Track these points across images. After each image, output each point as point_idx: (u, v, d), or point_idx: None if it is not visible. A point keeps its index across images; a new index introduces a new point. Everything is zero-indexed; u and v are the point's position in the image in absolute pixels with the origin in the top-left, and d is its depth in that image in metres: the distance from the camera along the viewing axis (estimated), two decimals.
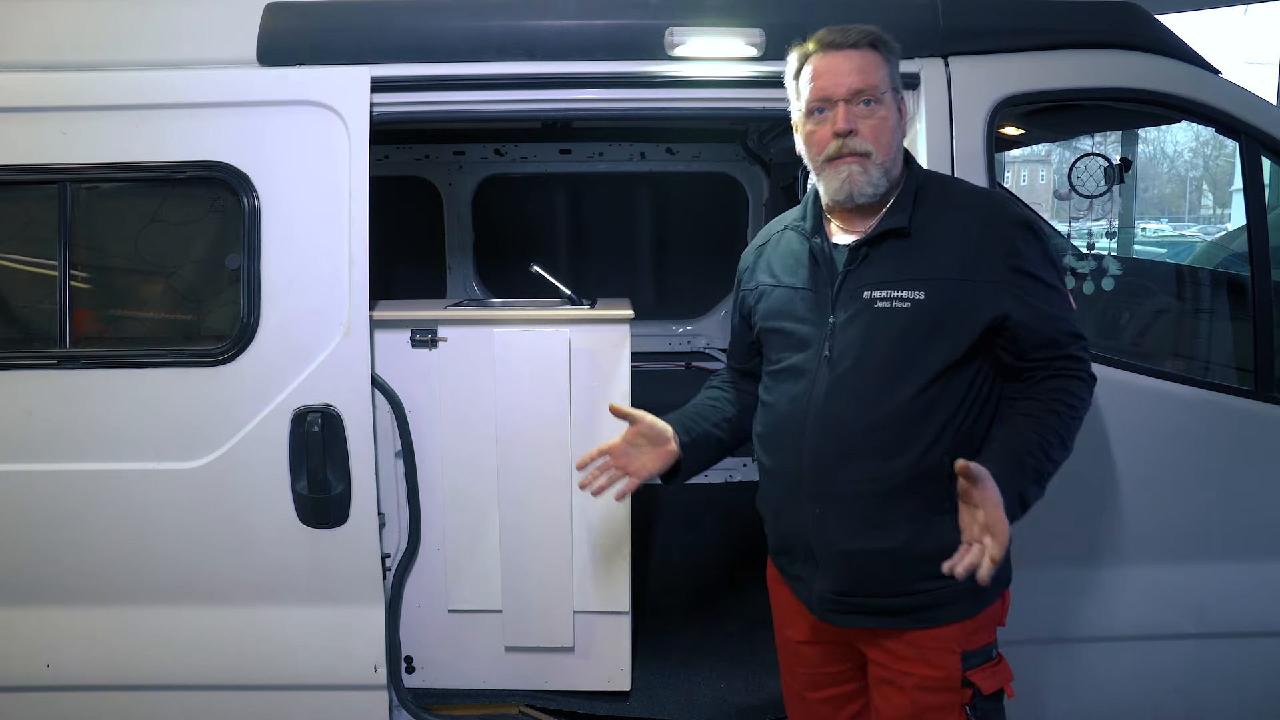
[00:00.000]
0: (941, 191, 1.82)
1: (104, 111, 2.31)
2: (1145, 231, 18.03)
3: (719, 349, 4.68)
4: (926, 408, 1.72)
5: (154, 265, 2.45)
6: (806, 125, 1.81)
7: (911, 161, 1.86)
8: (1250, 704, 2.52)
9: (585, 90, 2.41)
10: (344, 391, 2.33)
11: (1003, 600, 1.86)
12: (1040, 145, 7.48)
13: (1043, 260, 1.76)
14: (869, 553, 1.77)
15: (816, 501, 1.80)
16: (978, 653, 1.80)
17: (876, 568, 1.78)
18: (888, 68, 1.78)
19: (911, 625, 1.79)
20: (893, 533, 1.75)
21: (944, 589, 1.72)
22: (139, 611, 2.42)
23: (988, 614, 1.82)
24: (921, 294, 1.72)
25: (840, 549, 1.80)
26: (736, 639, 3.18)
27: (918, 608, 1.78)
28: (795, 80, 1.83)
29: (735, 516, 4.27)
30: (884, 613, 1.80)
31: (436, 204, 4.59)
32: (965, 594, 1.73)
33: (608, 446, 1.95)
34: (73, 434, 2.34)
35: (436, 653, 2.72)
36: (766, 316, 1.91)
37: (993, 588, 1.75)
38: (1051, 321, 1.74)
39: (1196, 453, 2.40)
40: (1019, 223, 1.76)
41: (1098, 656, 2.47)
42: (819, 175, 1.81)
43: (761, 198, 4.63)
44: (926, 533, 1.73)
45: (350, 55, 2.34)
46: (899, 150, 1.80)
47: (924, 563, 1.72)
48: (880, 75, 1.76)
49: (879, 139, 1.74)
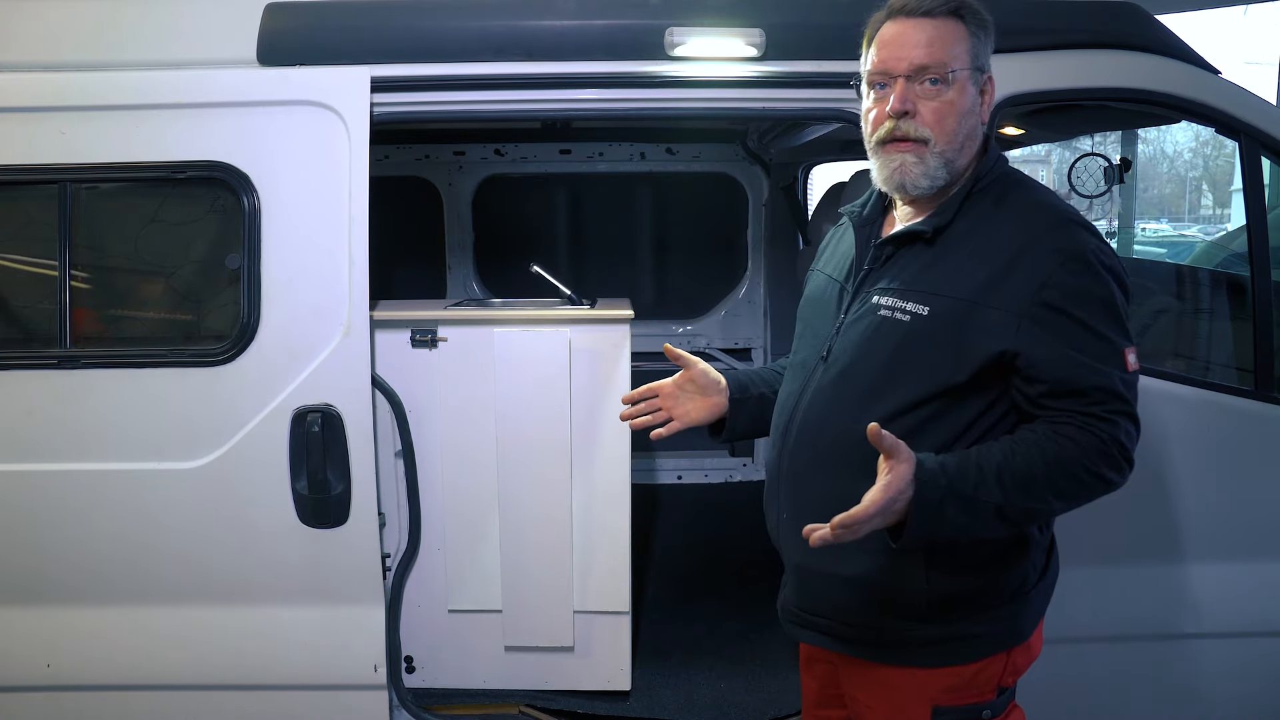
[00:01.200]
0: (1000, 195, 1.60)
1: (104, 111, 2.31)
2: (1145, 231, 18.01)
3: (719, 349, 4.69)
4: (907, 434, 1.46)
5: (154, 265, 2.45)
6: (866, 100, 1.62)
7: (990, 152, 1.64)
8: (1250, 704, 2.52)
9: (585, 90, 2.41)
10: (344, 391, 2.32)
11: (1007, 658, 1.63)
12: (1040, 145, 7.47)
13: (1087, 300, 1.49)
14: (823, 575, 1.65)
15: (786, 507, 1.71)
16: (957, 710, 1.61)
17: (831, 592, 1.66)
18: (969, 41, 1.56)
19: (873, 658, 1.65)
20: (849, 560, 1.59)
21: (908, 631, 1.60)
22: (140, 611, 2.42)
23: (978, 671, 1.62)
24: (926, 309, 1.54)
25: (796, 562, 1.71)
26: (736, 639, 3.18)
27: (875, 642, 1.64)
28: (866, 48, 1.63)
29: (735, 516, 4.27)
30: (841, 638, 1.68)
31: (436, 204, 4.60)
32: (936, 641, 1.59)
33: (656, 385, 1.87)
34: (73, 434, 2.34)
35: (436, 652, 2.72)
36: (803, 301, 1.83)
37: (985, 642, 1.61)
38: (1077, 368, 1.47)
39: (1196, 453, 2.39)
40: (1071, 250, 1.50)
41: (1098, 657, 2.47)
42: (871, 158, 1.63)
43: (761, 198, 4.63)
44: (888, 569, 1.58)
45: (350, 55, 2.34)
46: (969, 139, 1.58)
47: (883, 599, 1.60)
48: (955, 51, 1.54)
49: (941, 124, 1.54)
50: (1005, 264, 1.51)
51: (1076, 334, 1.48)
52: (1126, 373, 1.51)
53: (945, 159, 1.56)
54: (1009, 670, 1.65)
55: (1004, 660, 1.64)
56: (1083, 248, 1.51)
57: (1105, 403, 1.48)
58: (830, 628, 1.70)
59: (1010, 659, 1.65)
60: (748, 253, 4.71)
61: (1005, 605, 1.63)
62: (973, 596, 1.61)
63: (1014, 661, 1.66)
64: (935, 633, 1.59)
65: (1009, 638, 1.64)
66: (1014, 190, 1.62)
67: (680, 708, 2.76)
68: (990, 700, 1.64)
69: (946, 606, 1.60)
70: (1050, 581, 1.73)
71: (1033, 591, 1.66)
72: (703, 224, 4.70)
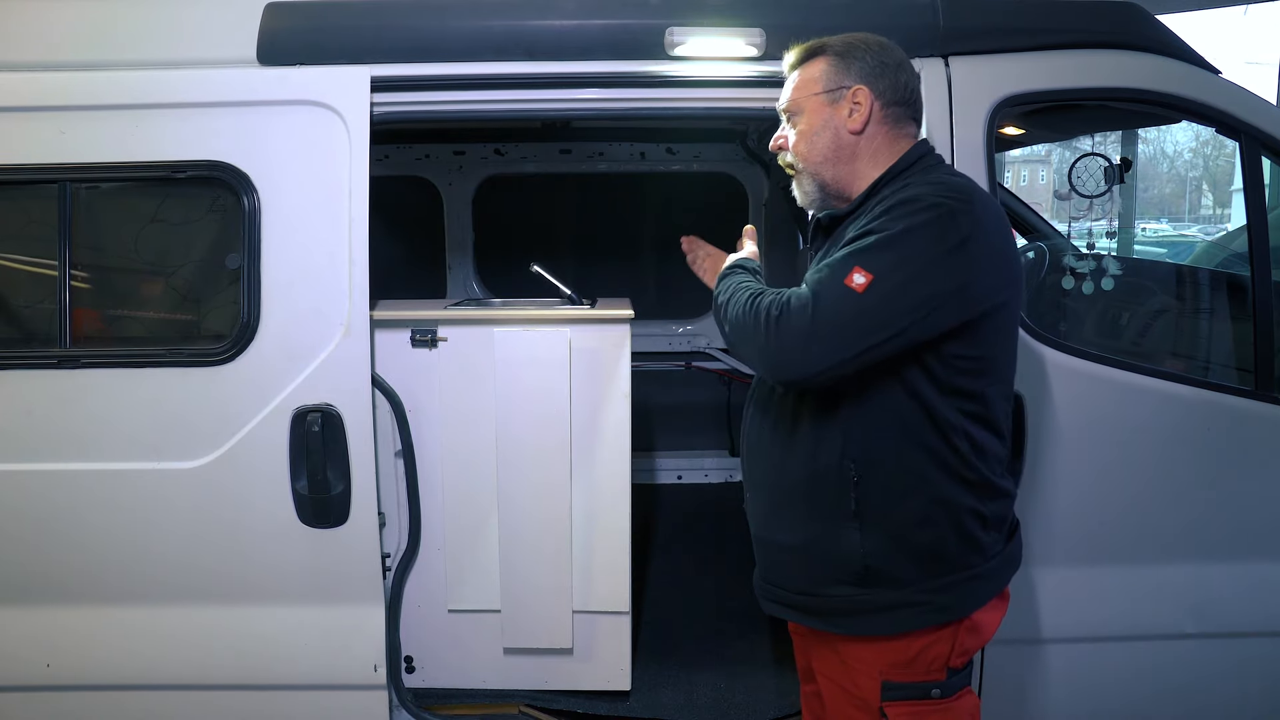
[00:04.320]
0: (901, 186, 1.69)
1: (104, 111, 2.31)
2: (1145, 231, 18.02)
3: (719, 349, 4.69)
4: (827, 407, 1.67)
5: (154, 265, 2.45)
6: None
7: (907, 154, 1.75)
8: (1250, 704, 2.52)
9: (585, 90, 2.41)
10: (344, 391, 2.33)
11: (954, 634, 1.70)
12: (1040, 145, 7.48)
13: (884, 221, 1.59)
14: (776, 544, 1.81)
15: (748, 484, 1.89)
16: (905, 686, 1.69)
17: (785, 560, 1.80)
18: (824, 69, 1.77)
19: (828, 628, 1.76)
20: (794, 530, 1.75)
21: (854, 596, 1.69)
22: (139, 611, 2.42)
23: (925, 645, 1.69)
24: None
25: (756, 535, 1.87)
26: (736, 639, 3.18)
27: (826, 610, 1.74)
28: None
29: (735, 516, 4.25)
30: (798, 609, 1.80)
31: (436, 204, 4.60)
32: (881, 608, 1.68)
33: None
34: (73, 434, 2.34)
35: (436, 652, 2.72)
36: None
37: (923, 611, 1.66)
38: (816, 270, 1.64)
39: (1196, 453, 2.39)
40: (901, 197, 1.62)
41: (1097, 657, 2.47)
42: None
43: (761, 198, 4.63)
44: (828, 535, 1.70)
45: (350, 55, 2.34)
46: (833, 151, 1.76)
47: (829, 566, 1.71)
48: (810, 85, 1.78)
49: (799, 150, 1.80)
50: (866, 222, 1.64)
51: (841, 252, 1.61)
52: (844, 286, 1.56)
53: (813, 175, 1.80)
54: (957, 651, 1.71)
55: (950, 640, 1.70)
56: (915, 197, 1.60)
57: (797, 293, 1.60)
58: (785, 597, 1.82)
59: (957, 639, 1.70)
60: None
61: (944, 577, 1.68)
62: (906, 562, 1.68)
63: (961, 642, 1.71)
64: (882, 599, 1.67)
65: (948, 612, 1.69)
66: (914, 180, 1.69)
67: (680, 708, 2.76)
68: (939, 680, 1.71)
69: (881, 572, 1.68)
70: (1004, 568, 1.77)
71: (980, 571, 1.71)
72: (703, 224, 4.68)
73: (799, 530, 1.74)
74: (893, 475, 1.66)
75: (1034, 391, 2.30)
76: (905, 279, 1.55)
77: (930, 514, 1.66)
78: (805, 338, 1.56)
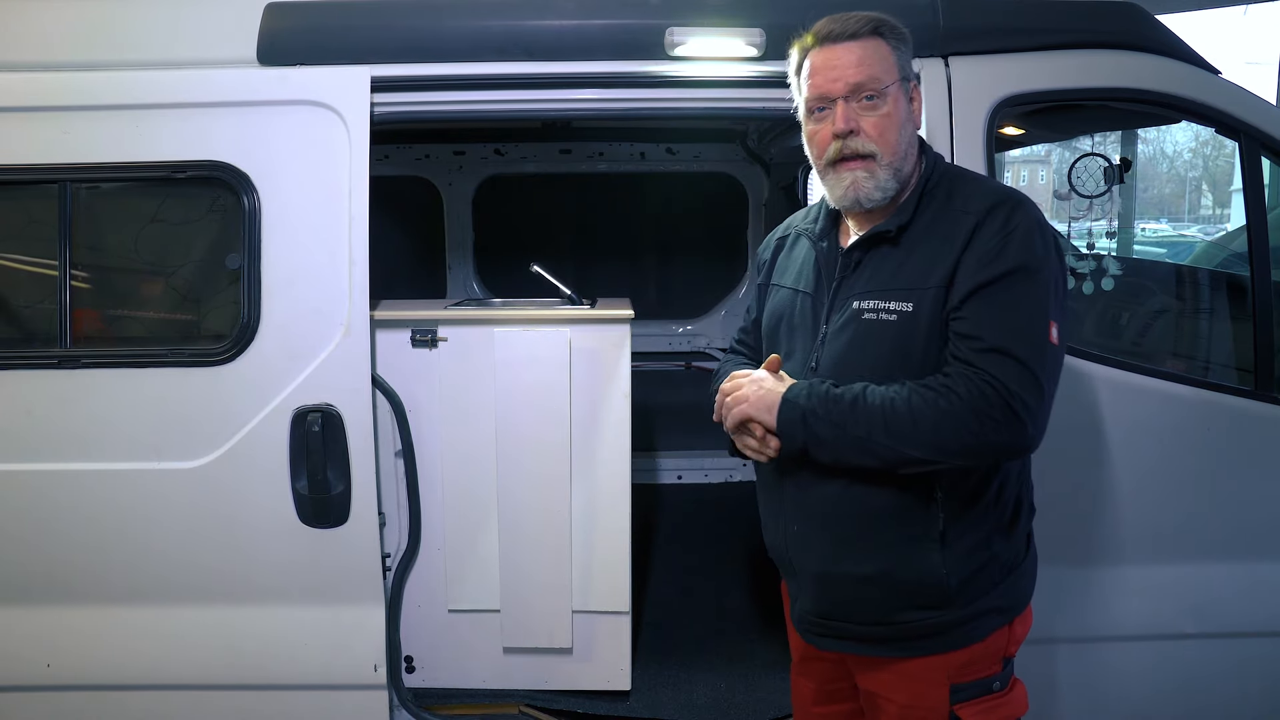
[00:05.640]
0: (951, 190, 1.68)
1: (104, 111, 2.31)
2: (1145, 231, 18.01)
3: (719, 349, 4.70)
4: None
5: (154, 265, 2.45)
6: (808, 126, 1.71)
7: (928, 153, 1.73)
8: (1250, 704, 2.52)
9: (585, 90, 2.41)
10: (344, 391, 2.33)
11: (1009, 630, 1.73)
12: (1040, 145, 7.47)
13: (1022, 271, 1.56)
14: (845, 577, 1.69)
15: (795, 518, 1.74)
16: (971, 685, 1.69)
17: (853, 594, 1.69)
18: (894, 55, 1.65)
19: (894, 654, 1.70)
20: (869, 559, 1.66)
21: (928, 620, 1.65)
22: (139, 611, 2.42)
23: (987, 645, 1.70)
24: (910, 305, 1.60)
25: (815, 571, 1.73)
26: (736, 639, 3.18)
27: (899, 638, 1.69)
28: (797, 77, 1.73)
29: (735, 516, 4.27)
30: (864, 640, 1.72)
31: (436, 204, 4.60)
32: (955, 624, 1.66)
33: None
34: (73, 434, 2.34)
35: (437, 652, 2.72)
36: (768, 317, 1.87)
37: (996, 616, 1.69)
38: (1003, 332, 1.54)
39: (1196, 453, 2.39)
40: (1018, 228, 1.58)
41: (1097, 657, 2.47)
42: (823, 179, 1.71)
43: (761, 198, 4.63)
44: (906, 562, 1.64)
45: (350, 55, 2.34)
46: (909, 146, 1.67)
47: (904, 593, 1.65)
48: (884, 65, 1.63)
49: (884, 137, 1.62)
50: (963, 245, 1.59)
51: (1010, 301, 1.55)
52: (1050, 344, 1.56)
53: (893, 169, 1.65)
54: (1012, 640, 1.74)
55: (1007, 632, 1.73)
56: (1030, 221, 1.60)
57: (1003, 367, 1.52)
58: (851, 631, 1.73)
59: (1012, 630, 1.74)
60: (748, 253, 4.71)
61: (1008, 579, 1.71)
62: (982, 572, 1.67)
63: (1015, 632, 1.74)
64: (956, 616, 1.66)
65: (1012, 610, 1.73)
66: (959, 182, 1.71)
67: (680, 708, 2.76)
68: (998, 672, 1.73)
69: (965, 587, 1.66)
70: (1035, 555, 1.82)
71: (1024, 563, 1.76)
72: (703, 224, 4.71)
73: (877, 558, 1.66)
74: (975, 487, 1.64)
75: None
76: (1067, 308, 1.62)
77: (1006, 520, 1.69)
78: (1044, 410, 1.55)
